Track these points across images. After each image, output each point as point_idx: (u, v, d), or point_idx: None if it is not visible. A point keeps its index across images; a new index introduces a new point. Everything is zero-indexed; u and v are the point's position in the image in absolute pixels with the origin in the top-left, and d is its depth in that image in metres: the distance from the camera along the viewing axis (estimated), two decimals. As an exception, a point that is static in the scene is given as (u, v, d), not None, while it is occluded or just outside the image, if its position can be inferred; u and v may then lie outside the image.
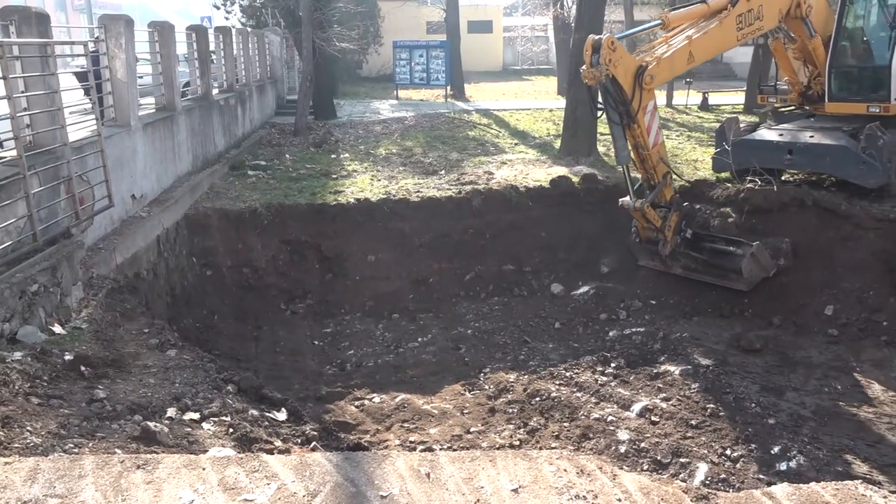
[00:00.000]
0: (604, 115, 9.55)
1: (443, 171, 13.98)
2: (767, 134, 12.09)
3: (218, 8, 27.72)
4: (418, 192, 12.33)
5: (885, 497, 3.58)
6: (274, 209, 11.40)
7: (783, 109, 13.53)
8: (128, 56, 9.51)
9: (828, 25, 12.02)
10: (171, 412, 5.40)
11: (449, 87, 27.30)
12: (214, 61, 15.96)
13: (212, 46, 15.60)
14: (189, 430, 5.22)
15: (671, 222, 10.23)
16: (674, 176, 10.61)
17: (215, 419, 5.51)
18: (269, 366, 9.06)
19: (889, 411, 7.70)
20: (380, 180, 13.24)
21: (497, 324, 10.26)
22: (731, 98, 25.53)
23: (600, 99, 9.50)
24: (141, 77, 12.00)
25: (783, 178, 12.04)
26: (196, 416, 5.48)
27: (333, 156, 15.79)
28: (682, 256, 10.55)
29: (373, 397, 8.23)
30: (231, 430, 5.41)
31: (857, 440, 7.13)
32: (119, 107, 9.55)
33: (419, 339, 9.90)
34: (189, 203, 11.07)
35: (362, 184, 12.93)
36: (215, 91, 15.26)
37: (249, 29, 22.66)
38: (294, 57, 25.22)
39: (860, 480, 3.92)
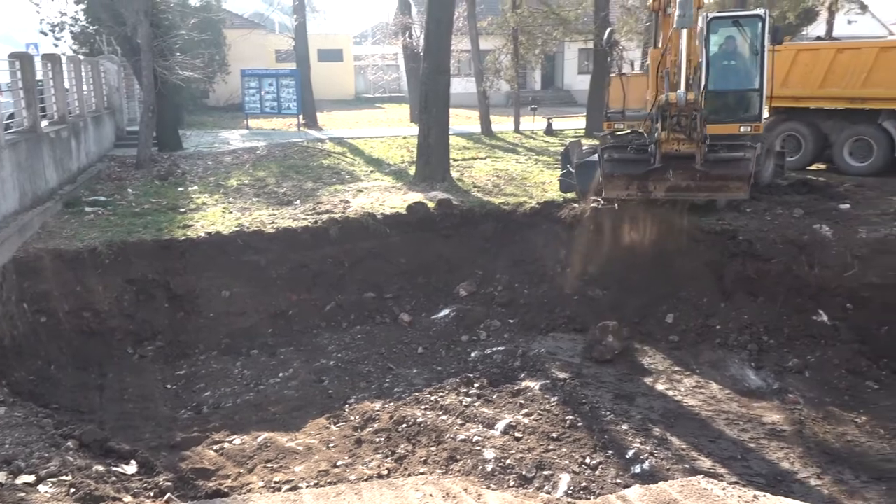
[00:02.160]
0: None
1: (298, 201, 13.75)
2: (607, 155, 12.85)
3: (46, 34, 25.80)
4: (273, 223, 12.04)
5: (723, 489, 3.87)
6: (116, 247, 10.69)
7: (620, 133, 14.48)
8: (-62, 86, 8.65)
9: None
10: (0, 477, 4.88)
11: (301, 116, 27.01)
12: (43, 91, 14.86)
13: (39, 75, 14.52)
14: (23, 495, 4.75)
15: (700, 128, 9.36)
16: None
17: (54, 480, 5.05)
18: (117, 415, 8.43)
19: (726, 408, 8.37)
20: (232, 212, 12.80)
21: (360, 353, 10.15)
22: (573, 123, 27.06)
23: None
24: (-45, 109, 10.97)
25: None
26: (31, 478, 5.00)
27: (181, 188, 15.10)
28: (674, 176, 9.77)
29: (233, 439, 7.86)
30: (73, 489, 4.98)
31: (700, 437, 7.68)
32: (-71, 142, 8.63)
33: (280, 375, 9.59)
34: (17, 244, 10.15)
35: (213, 217, 12.44)
36: (44, 123, 14.18)
37: (82, 57, 21.35)
38: (134, 86, 23.98)
39: (702, 475, 4.20)
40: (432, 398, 8.50)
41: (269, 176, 16.47)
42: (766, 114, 13.05)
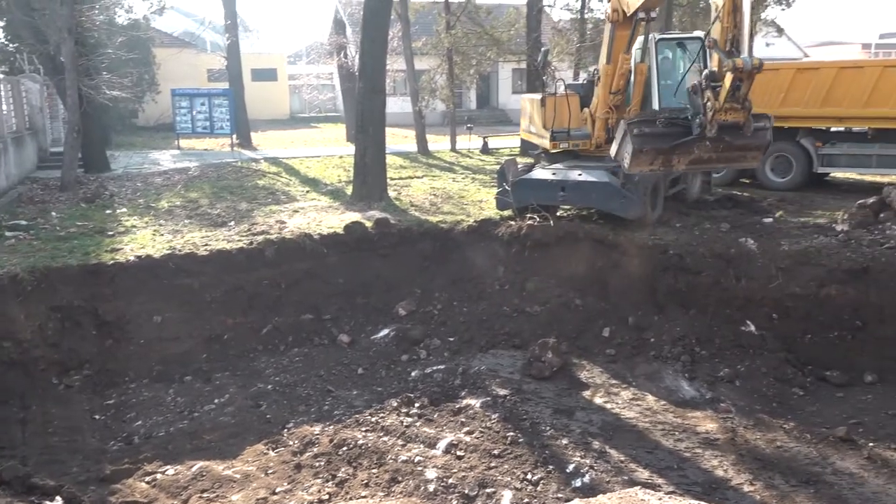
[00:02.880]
0: None
1: (232, 222, 13.49)
2: (542, 173, 13.09)
3: (-38, 52, 24.80)
4: (206, 245, 11.76)
5: (660, 499, 3.94)
6: (39, 273, 10.24)
7: (554, 151, 14.74)
8: None
9: None
10: (-90, 521, 4.59)
11: (234, 136, 26.59)
12: (-42, 111, 14.24)
13: (-46, 95, 13.92)
14: (-64, 539, 4.47)
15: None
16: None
17: (-30, 521, 4.77)
18: (41, 449, 8.03)
19: (662, 419, 8.55)
20: (163, 235, 12.45)
21: (299, 376, 9.97)
22: (509, 141, 27.46)
23: None
24: None
25: (558, 213, 13.09)
26: (-55, 521, 4.71)
27: (108, 211, 14.62)
28: (698, 148, 9.66)
29: (166, 469, 7.60)
30: (-8, 531, 4.71)
31: (638, 449, 7.81)
32: None
33: (216, 401, 9.33)
34: (-70, 272, 9.63)
35: (143, 240, 12.08)
36: (-39, 144, 13.58)
37: (1, 76, 20.54)
38: (58, 106, 23.18)
39: (640, 486, 4.28)
40: (373, 419, 8.41)
41: (202, 197, 16.13)
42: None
